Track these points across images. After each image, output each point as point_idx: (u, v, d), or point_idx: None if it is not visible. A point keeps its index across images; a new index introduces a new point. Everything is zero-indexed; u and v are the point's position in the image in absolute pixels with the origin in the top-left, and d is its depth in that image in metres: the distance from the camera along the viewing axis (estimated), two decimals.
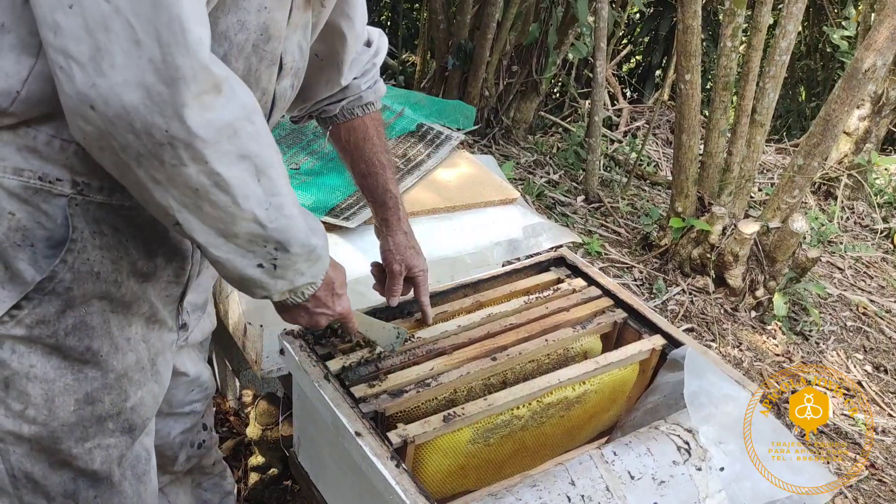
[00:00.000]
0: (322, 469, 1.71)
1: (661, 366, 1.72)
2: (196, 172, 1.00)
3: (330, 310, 1.34)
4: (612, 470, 1.38)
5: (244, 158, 1.02)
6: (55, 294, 1.13)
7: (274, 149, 1.09)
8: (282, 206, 1.09)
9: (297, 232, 1.13)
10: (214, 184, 1.01)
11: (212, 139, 0.98)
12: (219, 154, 1.00)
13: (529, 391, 1.57)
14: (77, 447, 1.24)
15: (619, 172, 4.94)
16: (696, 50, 3.57)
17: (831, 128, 3.39)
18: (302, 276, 1.21)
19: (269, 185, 1.06)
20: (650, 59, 6.58)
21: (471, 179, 2.29)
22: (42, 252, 1.12)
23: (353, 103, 1.61)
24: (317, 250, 1.19)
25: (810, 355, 3.67)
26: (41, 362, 1.17)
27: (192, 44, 0.92)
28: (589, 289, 1.85)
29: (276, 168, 1.08)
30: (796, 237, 3.56)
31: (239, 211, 1.05)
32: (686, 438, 1.43)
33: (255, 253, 1.12)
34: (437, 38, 4.61)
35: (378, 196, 1.63)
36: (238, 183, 1.03)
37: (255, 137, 1.03)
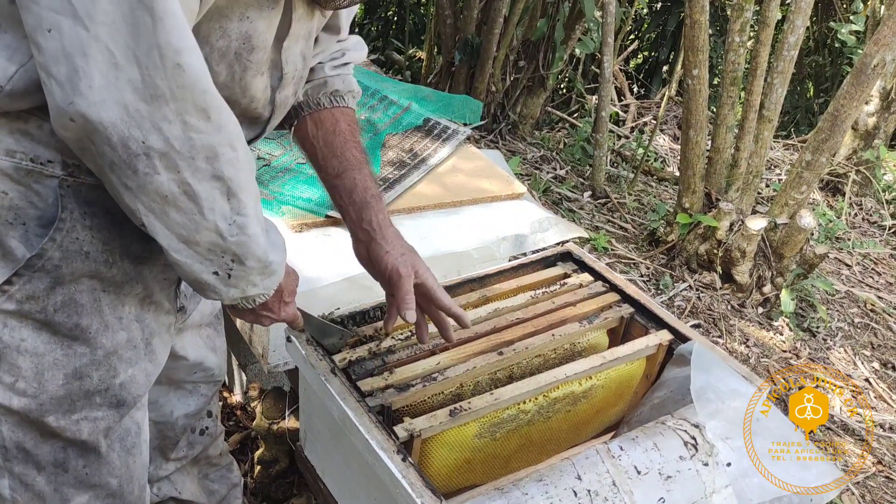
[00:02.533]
0: (328, 462, 1.71)
1: (668, 361, 1.72)
2: (167, 181, 1.04)
3: (275, 314, 1.36)
4: (619, 465, 1.37)
5: (218, 179, 1.07)
6: (44, 271, 1.16)
7: (250, 172, 1.12)
8: (245, 226, 1.13)
9: (256, 249, 1.16)
10: (184, 192, 1.06)
11: (188, 154, 1.03)
12: (193, 169, 1.04)
13: (536, 386, 1.57)
14: (64, 419, 1.26)
15: (625, 168, 4.93)
16: (703, 45, 3.56)
17: (839, 123, 3.38)
18: (254, 287, 1.23)
19: (237, 205, 1.10)
20: (657, 55, 6.56)
21: (477, 174, 2.28)
22: (34, 231, 1.15)
23: (318, 90, 1.51)
24: (272, 266, 1.22)
25: (817, 352, 3.66)
26: (32, 337, 1.20)
27: (169, 69, 0.96)
28: (595, 284, 1.85)
29: (247, 192, 1.11)
30: (804, 233, 3.55)
31: (203, 220, 1.09)
32: (693, 434, 1.43)
33: (213, 261, 1.15)
34: (443, 34, 4.60)
35: (357, 197, 1.48)
36: (207, 196, 1.07)
37: (233, 163, 1.07)
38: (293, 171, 2.10)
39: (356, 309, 1.70)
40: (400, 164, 2.21)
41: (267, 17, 1.16)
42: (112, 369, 1.29)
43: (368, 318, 1.70)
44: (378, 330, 1.66)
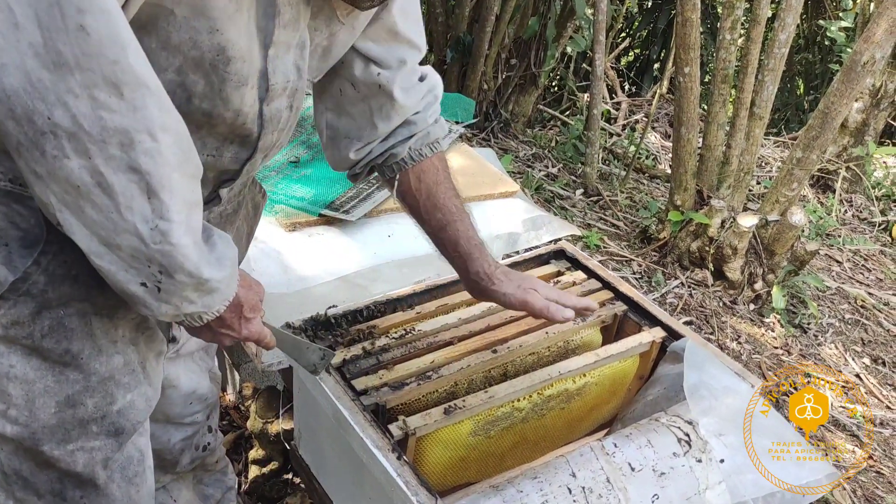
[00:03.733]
0: (323, 461, 1.71)
1: (661, 358, 1.72)
2: (78, 167, 0.93)
3: (235, 332, 1.23)
4: (613, 461, 1.38)
5: (134, 171, 0.95)
6: (29, 295, 1.11)
7: (180, 171, 1.00)
8: (168, 233, 1.00)
9: (185, 261, 1.03)
10: (97, 184, 0.94)
11: (98, 137, 0.92)
12: (105, 156, 0.93)
13: (530, 383, 1.57)
14: (58, 449, 1.22)
15: (617, 166, 4.94)
16: (694, 43, 3.57)
17: (830, 121, 3.39)
18: (191, 305, 1.10)
19: (160, 207, 0.98)
20: (648, 53, 6.57)
21: (470, 172, 2.29)
22: (17, 252, 1.10)
23: (422, 141, 1.47)
24: (210, 283, 1.09)
25: (809, 348, 3.68)
26: (21, 363, 1.15)
27: (71, 30, 0.86)
28: (589, 281, 1.86)
29: (172, 193, 0.99)
30: (795, 230, 3.56)
31: (121, 220, 0.97)
32: (686, 430, 1.43)
33: (139, 271, 1.03)
34: (435, 32, 4.60)
35: (462, 249, 1.48)
36: (123, 191, 0.95)
37: (153, 155, 0.95)
38: (285, 171, 2.10)
39: (350, 308, 1.70)
40: None
41: (237, 24, 1.06)
42: (108, 395, 1.24)
43: (363, 317, 1.70)
44: (372, 329, 1.67)
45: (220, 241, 1.11)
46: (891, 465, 3.09)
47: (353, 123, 1.43)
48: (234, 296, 1.16)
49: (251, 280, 1.24)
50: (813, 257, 3.82)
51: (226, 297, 1.14)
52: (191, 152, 1.02)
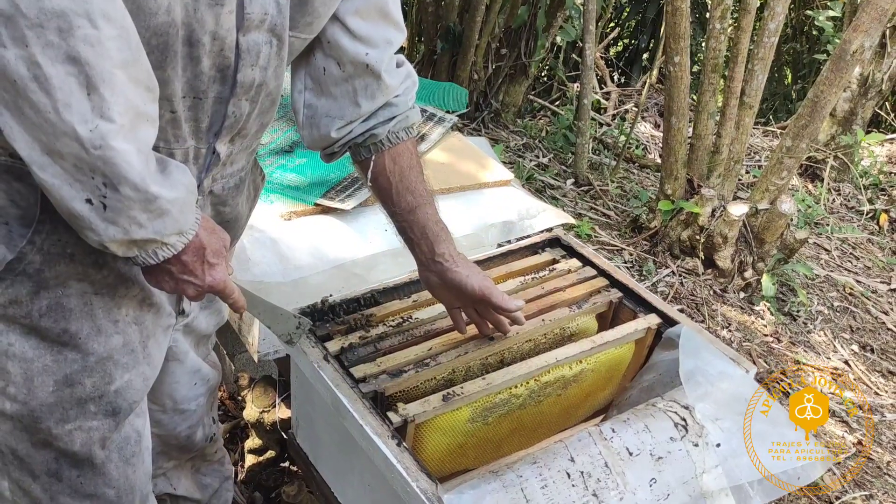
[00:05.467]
0: (321, 450, 1.72)
1: (657, 344, 1.74)
2: (14, 58, 0.88)
3: (198, 279, 1.17)
4: (611, 446, 1.39)
5: (73, 61, 0.90)
6: (26, 275, 1.11)
7: (124, 72, 0.95)
8: (108, 135, 0.94)
9: (128, 170, 0.97)
10: (34, 77, 0.89)
11: (35, 19, 0.86)
12: (42, 42, 0.87)
13: (527, 370, 1.58)
14: (57, 428, 1.23)
15: (607, 156, 4.95)
16: (684, 32, 3.58)
17: (819, 109, 3.41)
18: (140, 229, 1.04)
19: (100, 104, 0.93)
20: (637, 43, 6.58)
21: (464, 162, 2.29)
22: (17, 231, 1.10)
23: (400, 124, 1.47)
24: (158, 201, 1.02)
25: (798, 335, 3.71)
26: (19, 341, 1.16)
27: None
28: (584, 269, 1.87)
29: (114, 90, 0.94)
30: (784, 218, 3.59)
31: (59, 120, 0.92)
32: (683, 415, 1.45)
33: (83, 184, 0.97)
34: (425, 22, 4.60)
35: (430, 231, 1.49)
36: (60, 85, 0.90)
37: (92, 44, 0.90)
38: (280, 160, 2.10)
39: (348, 296, 1.71)
40: None
41: None
42: (106, 375, 1.24)
43: (360, 305, 1.71)
44: (369, 317, 1.67)
45: (175, 170, 1.07)
46: (880, 450, 3.12)
47: (334, 103, 1.41)
48: (193, 234, 1.12)
49: (213, 224, 1.19)
50: (802, 245, 3.85)
51: (180, 226, 1.09)
52: (140, 57, 0.97)
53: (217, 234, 1.19)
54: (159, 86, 1.05)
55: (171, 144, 1.17)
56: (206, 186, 1.31)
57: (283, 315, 1.45)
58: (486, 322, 1.61)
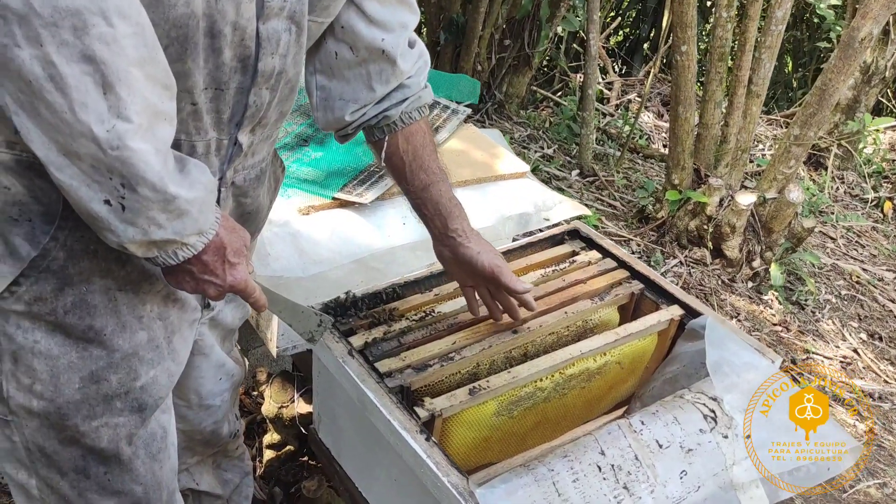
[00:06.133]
0: (345, 445, 1.71)
1: (679, 336, 1.73)
2: (29, 57, 0.86)
3: (219, 279, 1.15)
4: (641, 439, 1.39)
5: (88, 60, 0.88)
6: (50, 272, 1.11)
7: (141, 70, 0.93)
8: (125, 135, 0.93)
9: (146, 170, 0.96)
10: (49, 77, 0.88)
11: (49, 18, 0.85)
12: (57, 41, 0.86)
13: (552, 363, 1.58)
14: (84, 425, 1.23)
15: (611, 146, 4.94)
16: (691, 21, 3.57)
17: (827, 97, 3.41)
18: (160, 229, 1.02)
19: (117, 103, 0.91)
20: (638, 32, 6.56)
21: (480, 153, 2.28)
22: (40, 228, 1.09)
23: (413, 104, 1.47)
24: (177, 201, 1.01)
25: (807, 324, 3.71)
26: (45, 338, 1.15)
27: None
28: (604, 261, 1.86)
29: (131, 89, 0.92)
30: (792, 207, 3.58)
31: (75, 121, 0.90)
32: (712, 407, 1.44)
33: (101, 184, 0.96)
34: (428, 13, 4.57)
35: (443, 208, 1.50)
36: (76, 84, 0.89)
37: (108, 42, 0.88)
38: (296, 154, 2.09)
39: (369, 290, 1.70)
40: None
41: None
42: (132, 371, 1.24)
43: (382, 300, 1.70)
44: (392, 311, 1.66)
45: (194, 168, 1.05)
46: (891, 438, 3.13)
47: (347, 86, 1.41)
48: (213, 233, 1.10)
49: (234, 223, 1.18)
50: (810, 234, 3.84)
51: (200, 226, 1.07)
52: (157, 54, 0.96)
53: (237, 232, 1.17)
54: (179, 78, 1.04)
55: (193, 137, 1.16)
56: (229, 178, 1.30)
57: (304, 313, 1.43)
58: (497, 306, 1.61)
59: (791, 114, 5.85)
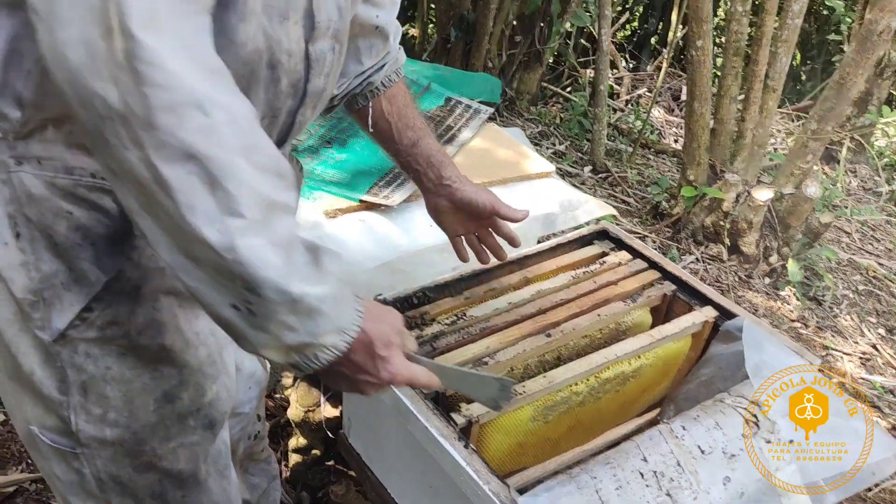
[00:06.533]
0: (376, 450, 1.70)
1: (713, 337, 1.71)
2: (136, 160, 0.80)
3: (373, 377, 1.04)
4: (683, 444, 1.37)
5: (190, 158, 0.80)
6: (124, 293, 1.08)
7: (246, 160, 0.84)
8: (243, 233, 0.84)
9: (266, 269, 0.86)
10: (154, 180, 0.81)
11: (144, 118, 0.78)
12: (155, 142, 0.79)
13: (588, 367, 1.56)
14: (161, 447, 1.20)
15: (623, 142, 4.91)
16: (707, 16, 3.54)
17: (845, 91, 3.38)
18: (292, 333, 0.92)
19: (226, 200, 0.82)
20: (646, 27, 6.53)
21: (504, 152, 2.26)
22: (103, 250, 1.06)
23: (392, 67, 1.50)
24: (305, 300, 0.90)
25: (825, 320, 3.69)
26: (117, 364, 1.12)
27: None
28: (635, 262, 1.84)
29: (240, 181, 0.83)
30: (810, 203, 3.56)
31: (186, 225, 0.83)
32: (753, 411, 1.42)
33: (226, 288, 0.88)
34: (438, 10, 4.55)
35: (434, 157, 1.52)
36: (179, 186, 0.81)
37: (206, 134, 0.81)
38: (321, 155, 2.07)
39: (399, 294, 1.68)
40: None
41: None
42: (199, 388, 1.22)
43: (413, 304, 1.68)
44: (423, 315, 1.65)
45: (324, 257, 0.95)
46: None
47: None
48: (356, 330, 0.98)
49: (380, 308, 1.07)
50: (827, 229, 3.82)
51: (337, 324, 0.96)
52: (260, 139, 0.88)
53: (385, 319, 1.06)
54: None
55: None
56: None
57: (484, 380, 1.28)
58: (484, 251, 1.64)
59: (802, 107, 5.83)
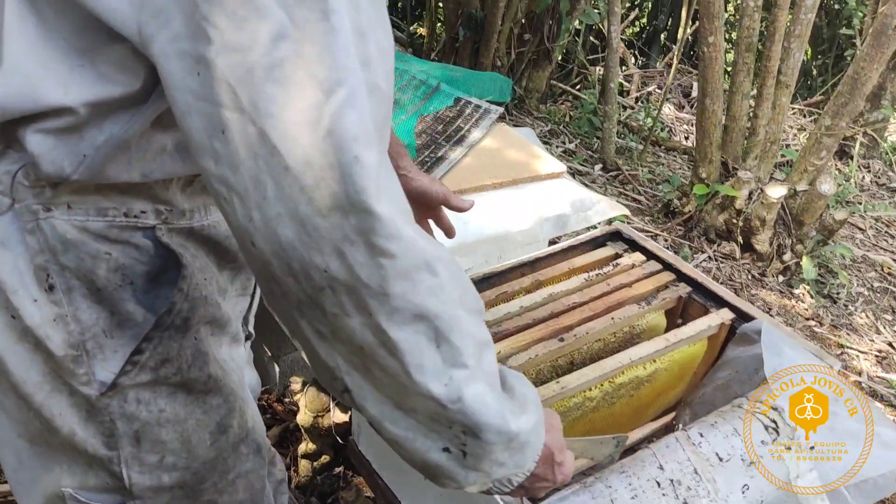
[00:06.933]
0: (386, 457, 1.67)
1: (730, 340, 1.68)
2: (360, 325, 0.83)
3: (549, 482, 1.07)
4: (700, 452, 1.34)
5: (420, 319, 0.83)
6: (174, 328, 1.04)
7: (464, 307, 0.87)
8: (467, 382, 0.86)
9: (488, 414, 0.89)
10: (381, 343, 0.83)
11: (378, 288, 0.80)
12: (387, 310, 0.81)
13: (602, 372, 1.53)
14: (221, 481, 1.16)
15: (633, 139, 4.87)
16: (718, 12, 3.50)
17: (860, 86, 3.34)
18: (501, 468, 0.95)
19: (451, 353, 0.85)
20: (656, 23, 6.49)
21: (515, 153, 2.23)
22: (142, 288, 1.03)
23: None
24: (520, 437, 0.93)
25: (840, 318, 3.64)
26: (169, 404, 1.08)
27: (345, 165, 0.77)
28: (648, 263, 1.81)
29: (462, 332, 0.86)
30: (824, 199, 3.52)
31: (411, 383, 0.85)
32: (773, 417, 1.39)
33: (440, 433, 0.90)
34: (446, 9, 4.52)
35: (391, 147, 1.46)
36: (409, 348, 0.83)
37: (436, 293, 0.83)
38: None
39: None
40: (436, 147, 2.15)
41: None
42: (244, 413, 1.18)
43: None
44: None
45: (516, 383, 0.97)
46: None
47: None
48: (541, 447, 1.00)
49: (549, 415, 1.07)
50: (842, 226, 3.77)
51: (537, 448, 0.98)
52: (467, 282, 0.90)
53: (554, 425, 1.08)
54: None
55: None
56: None
57: (602, 442, 1.34)
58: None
59: (814, 102, 5.77)
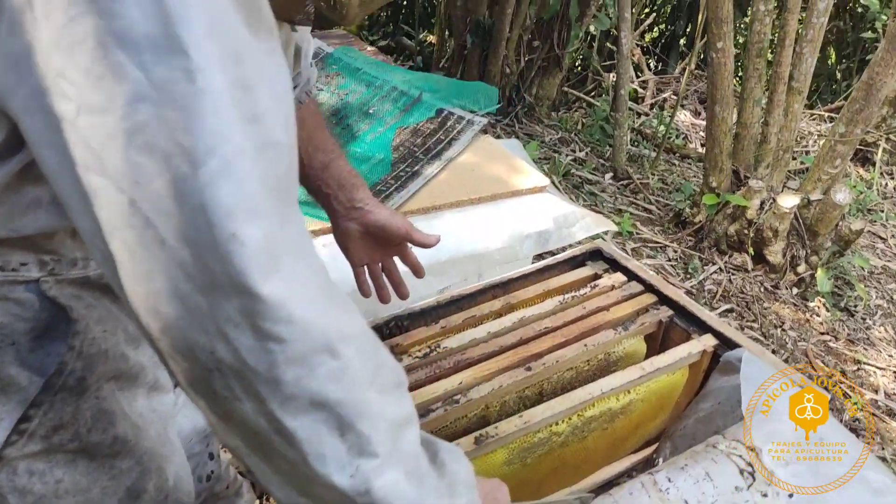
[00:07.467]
0: None
1: (713, 368, 1.56)
2: (253, 412, 0.74)
3: None
4: (667, 499, 1.23)
5: (318, 407, 0.74)
6: (67, 390, 0.93)
7: (375, 388, 0.77)
8: (377, 472, 0.77)
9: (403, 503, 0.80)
10: (276, 431, 0.74)
11: (267, 374, 0.71)
12: (279, 398, 0.72)
13: (569, 405, 1.42)
14: None
15: (646, 147, 4.75)
16: (727, 16, 3.38)
17: (875, 92, 3.19)
18: None
19: (357, 441, 0.76)
20: (674, 28, 6.35)
21: (496, 167, 2.13)
22: (27, 347, 0.92)
23: (303, 88, 1.40)
24: None
25: (857, 332, 3.50)
26: (68, 473, 0.97)
27: (222, 244, 0.67)
28: (630, 284, 1.70)
29: (371, 417, 0.76)
30: (839, 209, 3.38)
31: (311, 473, 0.76)
32: (749, 459, 1.28)
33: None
34: (454, 16, 4.44)
35: (346, 179, 1.42)
36: (307, 437, 0.74)
37: (338, 377, 0.73)
38: None
39: (372, 324, 1.56)
40: (413, 161, 2.06)
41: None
42: (161, 472, 1.08)
43: (384, 335, 1.56)
44: (394, 348, 1.52)
45: (448, 457, 0.88)
46: None
47: None
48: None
49: (491, 487, 1.02)
50: (859, 237, 3.62)
51: None
52: (382, 353, 0.80)
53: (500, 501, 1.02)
54: None
55: None
56: None
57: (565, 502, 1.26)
58: (386, 287, 1.50)
59: (836, 108, 5.61)
